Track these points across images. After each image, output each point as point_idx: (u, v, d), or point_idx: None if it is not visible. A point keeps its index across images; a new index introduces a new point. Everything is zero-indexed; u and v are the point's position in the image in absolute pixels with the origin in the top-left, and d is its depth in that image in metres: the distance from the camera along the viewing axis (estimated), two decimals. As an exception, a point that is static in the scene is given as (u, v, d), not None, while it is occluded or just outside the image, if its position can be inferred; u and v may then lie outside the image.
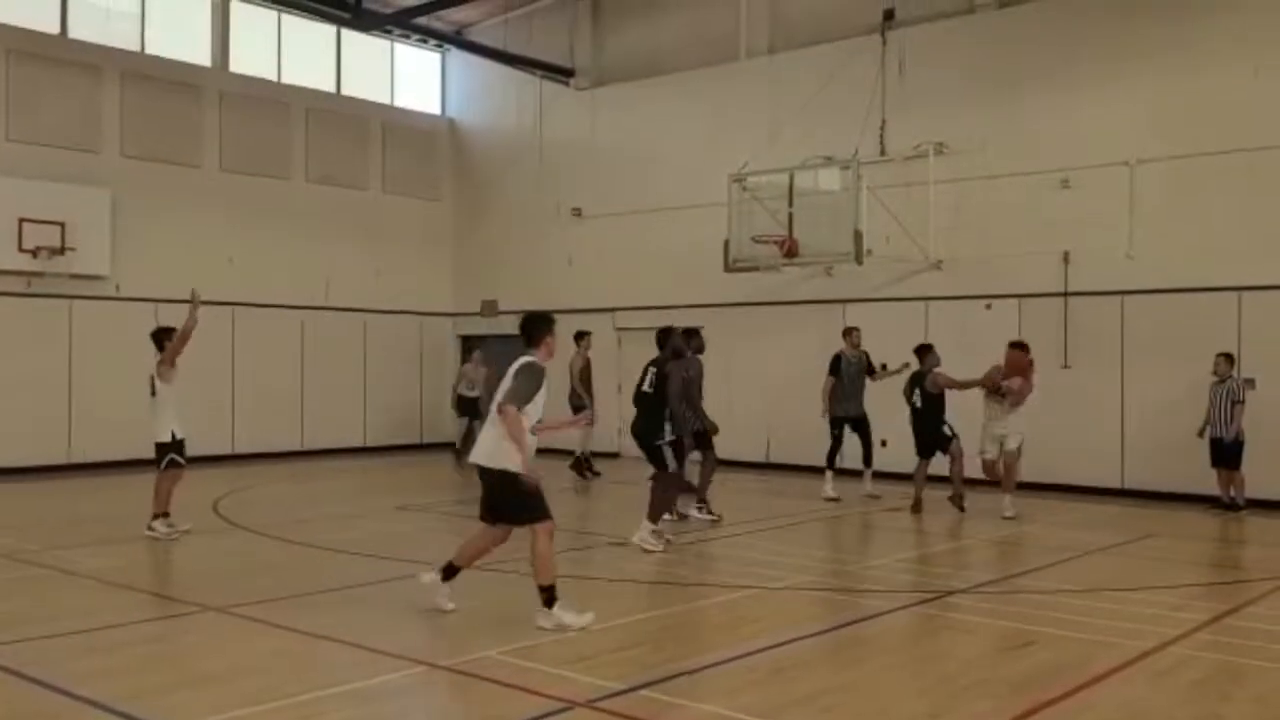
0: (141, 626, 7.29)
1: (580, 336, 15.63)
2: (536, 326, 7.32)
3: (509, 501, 7.11)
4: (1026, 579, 8.93)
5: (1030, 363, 12.48)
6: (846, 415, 13.84)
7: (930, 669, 6.38)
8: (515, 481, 6.99)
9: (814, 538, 11.44)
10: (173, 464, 10.54)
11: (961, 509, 12.42)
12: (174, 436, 10.60)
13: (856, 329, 14.31)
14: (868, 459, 14.00)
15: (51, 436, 16.49)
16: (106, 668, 6.23)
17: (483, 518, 7.35)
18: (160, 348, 10.64)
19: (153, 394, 10.64)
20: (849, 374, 13.90)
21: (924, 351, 12.84)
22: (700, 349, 11.63)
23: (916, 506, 12.64)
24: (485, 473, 7.16)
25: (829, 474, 13.81)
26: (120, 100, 17.61)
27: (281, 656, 6.53)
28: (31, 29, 16.89)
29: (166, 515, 10.62)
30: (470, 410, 17.95)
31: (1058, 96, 14.80)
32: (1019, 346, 12.59)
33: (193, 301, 10.48)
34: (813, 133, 16.16)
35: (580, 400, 15.18)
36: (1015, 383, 12.17)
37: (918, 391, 12.69)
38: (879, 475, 14.08)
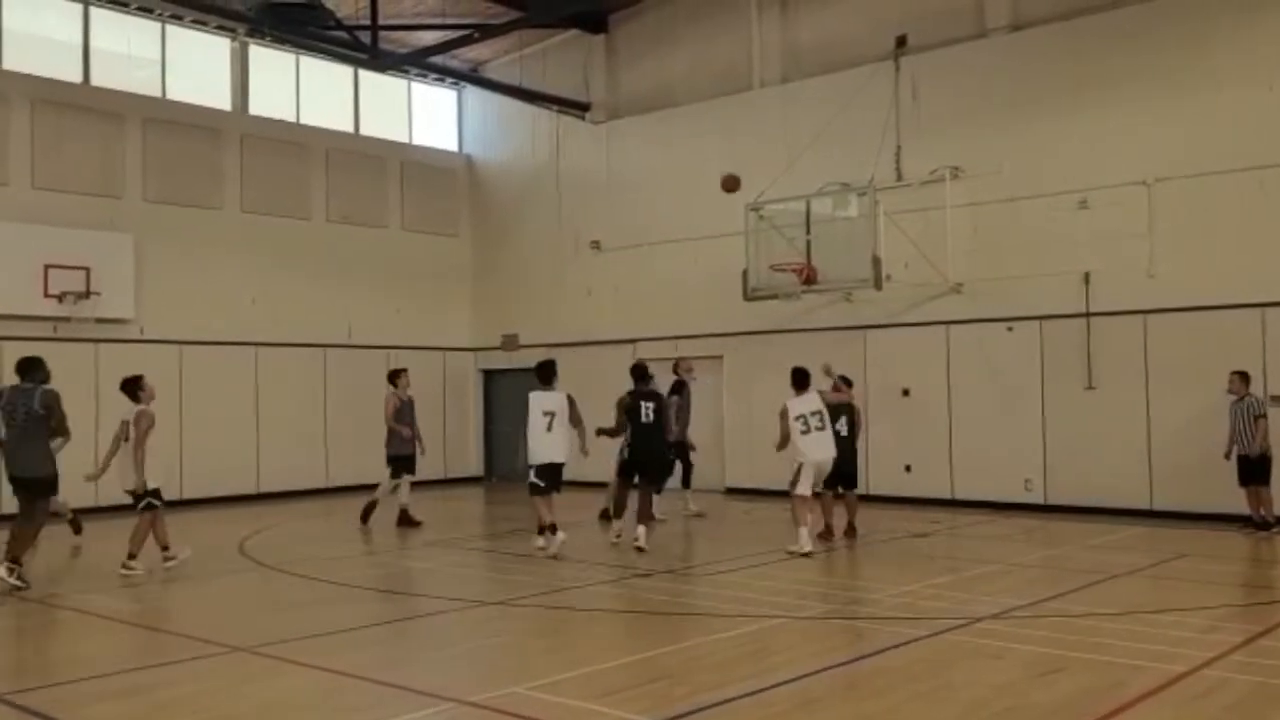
0: (168, 669, 7.30)
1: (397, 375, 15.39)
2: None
3: None
4: (1056, 603, 8.84)
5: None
6: (676, 439, 13.92)
7: (959, 696, 6.31)
8: None
9: (839, 565, 11.37)
10: (150, 507, 10.89)
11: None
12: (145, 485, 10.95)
13: (683, 359, 15.13)
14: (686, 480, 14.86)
15: (77, 478, 16.54)
16: (135, 711, 6.24)
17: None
18: (133, 397, 11.02)
19: (126, 439, 10.94)
20: (684, 401, 14.47)
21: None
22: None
23: (829, 534, 12.49)
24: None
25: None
26: (142, 146, 17.85)
27: (309, 695, 6.54)
28: (55, 78, 17.17)
29: (166, 549, 11.00)
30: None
31: (1072, 117, 14.79)
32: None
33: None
34: (828, 160, 16.20)
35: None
36: None
37: (844, 419, 12.53)
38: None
